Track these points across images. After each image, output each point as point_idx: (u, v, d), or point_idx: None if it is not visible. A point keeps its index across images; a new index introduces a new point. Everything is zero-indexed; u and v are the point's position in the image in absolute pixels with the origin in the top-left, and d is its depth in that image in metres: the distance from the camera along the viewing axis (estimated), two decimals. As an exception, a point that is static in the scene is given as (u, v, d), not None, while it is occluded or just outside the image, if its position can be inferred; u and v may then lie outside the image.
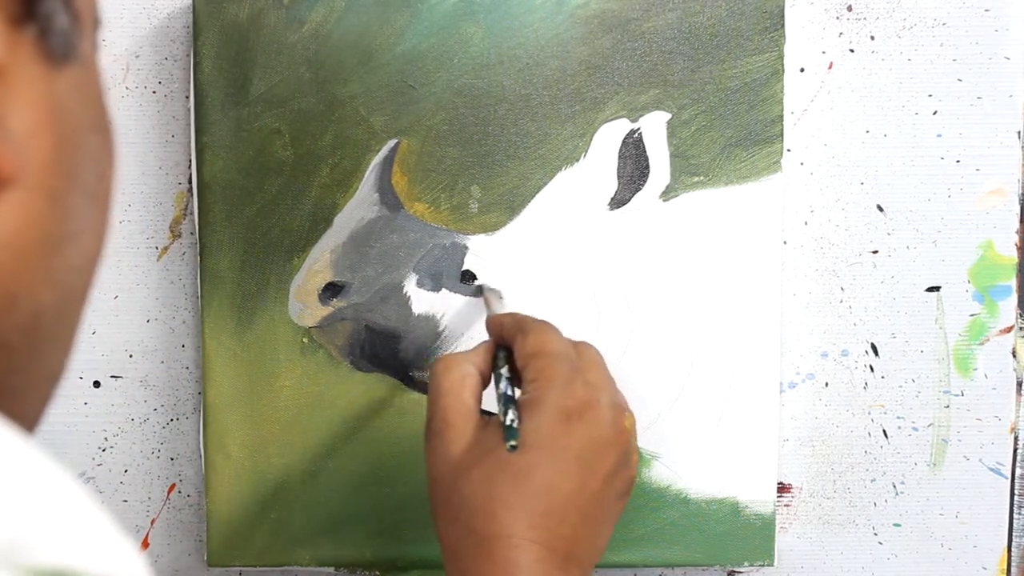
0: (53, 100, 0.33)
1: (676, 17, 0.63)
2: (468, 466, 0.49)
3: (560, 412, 0.49)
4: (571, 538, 0.48)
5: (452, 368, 0.52)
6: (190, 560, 0.67)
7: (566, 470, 0.48)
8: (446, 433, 0.50)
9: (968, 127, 0.65)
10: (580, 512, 0.49)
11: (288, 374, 0.64)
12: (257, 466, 0.64)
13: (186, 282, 0.66)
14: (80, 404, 0.66)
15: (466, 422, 0.50)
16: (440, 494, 0.50)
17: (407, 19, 0.63)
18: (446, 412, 0.51)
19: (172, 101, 0.65)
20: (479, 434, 0.50)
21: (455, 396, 0.51)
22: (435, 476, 0.50)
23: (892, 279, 0.66)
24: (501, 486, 0.48)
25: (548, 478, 0.48)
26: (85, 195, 0.35)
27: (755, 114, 0.63)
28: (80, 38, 0.34)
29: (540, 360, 0.51)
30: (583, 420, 0.49)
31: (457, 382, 0.51)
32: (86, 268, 0.36)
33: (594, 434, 0.50)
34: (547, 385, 0.50)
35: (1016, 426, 0.66)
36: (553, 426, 0.49)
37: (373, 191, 0.63)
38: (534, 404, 0.49)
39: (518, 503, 0.47)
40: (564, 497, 0.48)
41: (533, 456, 0.48)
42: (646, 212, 0.64)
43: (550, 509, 0.48)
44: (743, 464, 0.64)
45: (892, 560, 0.67)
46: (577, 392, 0.50)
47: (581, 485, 0.49)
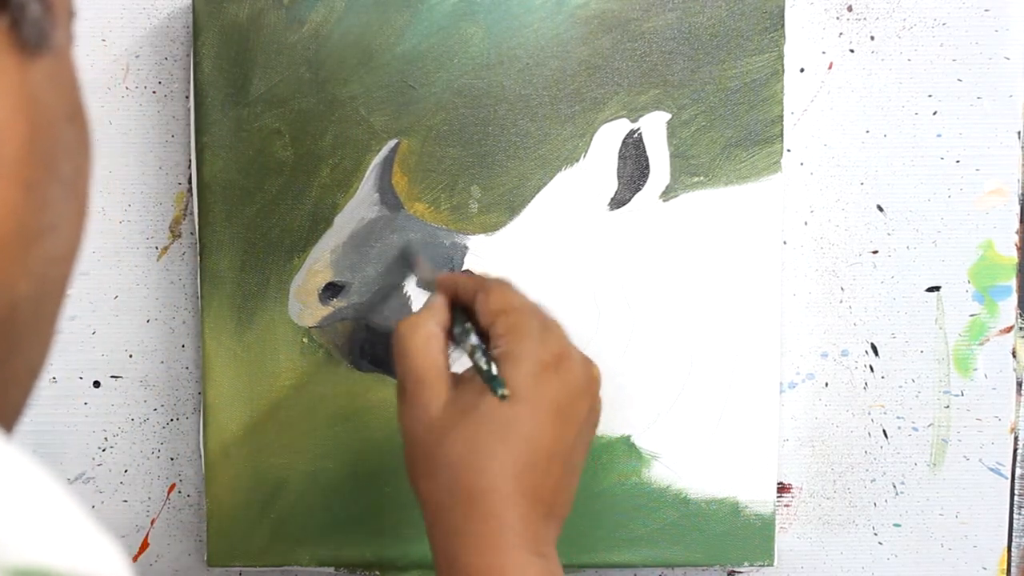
0: (27, 90, 0.33)
1: (676, 17, 0.63)
2: (450, 422, 0.49)
3: (537, 364, 0.49)
4: (553, 489, 0.49)
5: (417, 328, 0.51)
6: (190, 560, 0.67)
7: (546, 421, 0.48)
8: (421, 392, 0.50)
9: (968, 127, 0.65)
10: (560, 463, 0.49)
11: (288, 374, 0.64)
12: (257, 466, 0.64)
13: (186, 282, 0.66)
14: (80, 404, 0.66)
15: (440, 380, 0.50)
16: (420, 453, 0.49)
17: (407, 19, 0.63)
18: (418, 372, 0.50)
19: (172, 101, 0.65)
20: (456, 391, 0.50)
21: (424, 355, 0.50)
22: (413, 436, 0.50)
23: (892, 279, 0.66)
24: (485, 440, 0.48)
25: (531, 429, 0.48)
26: (62, 186, 0.35)
27: (755, 114, 0.63)
28: (53, 28, 0.34)
29: (509, 316, 0.51)
30: (559, 371, 0.50)
31: (423, 341, 0.51)
32: (65, 260, 0.36)
33: (569, 384, 0.50)
34: (520, 338, 0.50)
35: (1016, 426, 0.66)
36: (532, 378, 0.49)
37: (373, 191, 0.63)
38: (510, 357, 0.49)
39: (503, 456, 0.47)
40: (546, 448, 0.48)
41: (515, 408, 0.48)
42: (646, 212, 0.64)
43: (534, 461, 0.48)
44: (743, 464, 0.64)
45: (892, 560, 0.67)
46: (551, 344, 0.50)
47: (559, 436, 0.49)
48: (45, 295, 0.35)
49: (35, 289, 0.34)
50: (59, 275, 0.36)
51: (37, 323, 0.35)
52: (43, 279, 0.35)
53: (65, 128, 0.35)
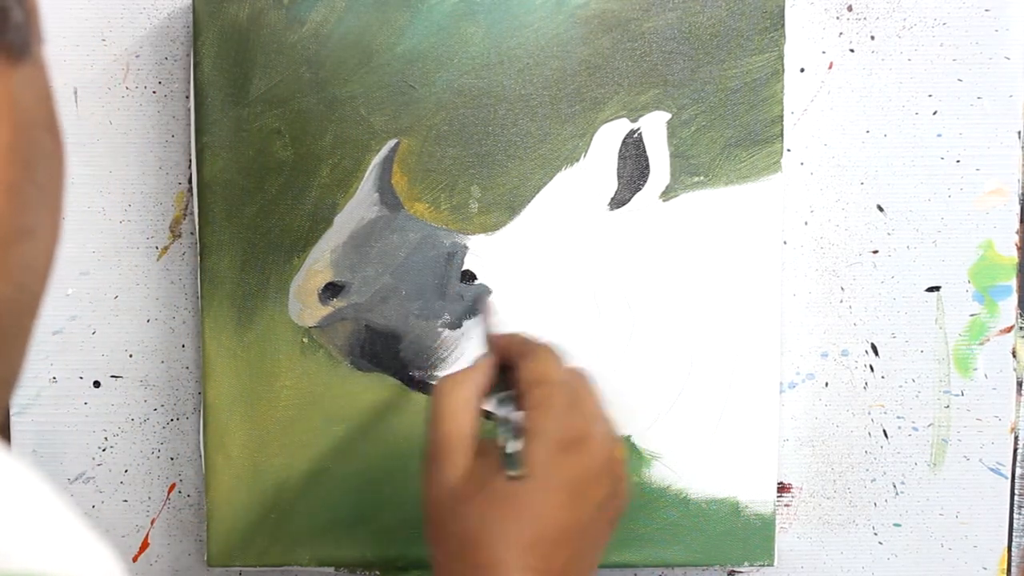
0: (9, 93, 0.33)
1: (676, 17, 0.63)
2: (464, 494, 0.49)
3: (556, 444, 0.50)
4: (563, 568, 0.49)
5: (455, 390, 0.52)
6: (190, 560, 0.67)
7: (559, 501, 0.49)
8: (444, 459, 0.51)
9: (968, 127, 0.65)
10: (572, 542, 0.49)
11: (288, 374, 0.64)
12: (257, 466, 0.64)
13: (186, 282, 0.66)
14: (80, 404, 0.66)
15: (464, 449, 0.51)
16: (435, 519, 0.50)
17: (407, 19, 0.63)
18: (446, 438, 0.51)
19: (172, 101, 0.65)
20: (476, 462, 0.50)
21: (455, 422, 0.51)
22: (431, 501, 0.51)
23: (892, 279, 0.66)
24: (495, 515, 0.48)
25: (542, 509, 0.48)
26: (40, 192, 0.35)
27: (755, 114, 0.63)
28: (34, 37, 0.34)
29: (542, 388, 0.51)
30: (578, 452, 0.50)
31: (460, 405, 0.51)
32: (41, 269, 0.36)
33: (588, 465, 0.50)
34: (545, 414, 0.50)
35: (1016, 426, 0.66)
36: (549, 457, 0.49)
37: (373, 191, 0.63)
38: (533, 432, 0.50)
39: (511, 533, 0.48)
40: (557, 528, 0.49)
41: (528, 486, 0.49)
42: (646, 212, 0.64)
43: (542, 539, 0.48)
44: (743, 464, 0.64)
45: (892, 560, 0.67)
46: (575, 423, 0.50)
47: (574, 515, 0.49)
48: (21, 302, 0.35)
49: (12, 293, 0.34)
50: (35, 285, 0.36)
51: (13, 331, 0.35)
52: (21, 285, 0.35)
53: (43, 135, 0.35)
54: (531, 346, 0.54)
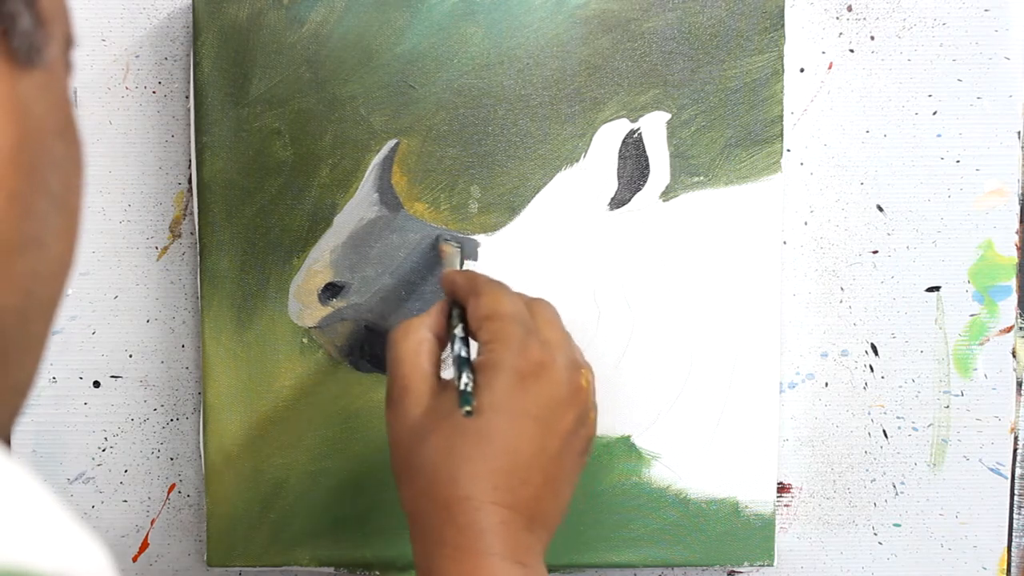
0: (15, 100, 0.33)
1: (676, 17, 0.63)
2: (427, 430, 0.49)
3: (515, 374, 0.49)
4: (534, 499, 0.48)
5: (409, 334, 0.52)
6: (190, 560, 0.67)
7: (525, 432, 0.48)
8: (404, 399, 0.50)
9: (968, 127, 0.65)
10: (542, 472, 0.49)
11: (288, 374, 0.64)
12: (257, 466, 0.64)
13: (186, 282, 0.66)
14: (80, 404, 0.66)
15: (423, 387, 0.50)
16: (400, 458, 0.50)
17: (407, 19, 0.63)
18: (404, 379, 0.51)
19: (172, 101, 0.65)
20: (437, 399, 0.50)
21: (412, 362, 0.51)
22: (395, 441, 0.50)
23: (892, 279, 0.66)
24: (460, 449, 0.48)
25: (507, 440, 0.48)
26: (50, 201, 0.34)
27: (755, 114, 0.63)
28: (46, 43, 0.34)
29: (494, 322, 0.51)
30: (539, 381, 0.49)
31: (414, 347, 0.51)
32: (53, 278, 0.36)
33: (551, 394, 0.50)
34: (501, 347, 0.50)
35: (1016, 426, 0.66)
36: (509, 389, 0.49)
37: (373, 191, 0.63)
38: (489, 367, 0.49)
39: (479, 465, 0.47)
40: (525, 459, 0.48)
41: (491, 419, 0.48)
42: (646, 212, 0.64)
43: (511, 470, 0.48)
44: (743, 464, 0.64)
45: (892, 560, 0.67)
46: (532, 353, 0.50)
47: (541, 446, 0.49)
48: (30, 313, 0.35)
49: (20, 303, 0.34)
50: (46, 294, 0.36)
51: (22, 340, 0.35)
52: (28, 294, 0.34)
53: (54, 143, 0.35)
54: (480, 282, 0.53)
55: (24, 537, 0.28)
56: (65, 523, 0.30)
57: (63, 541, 0.29)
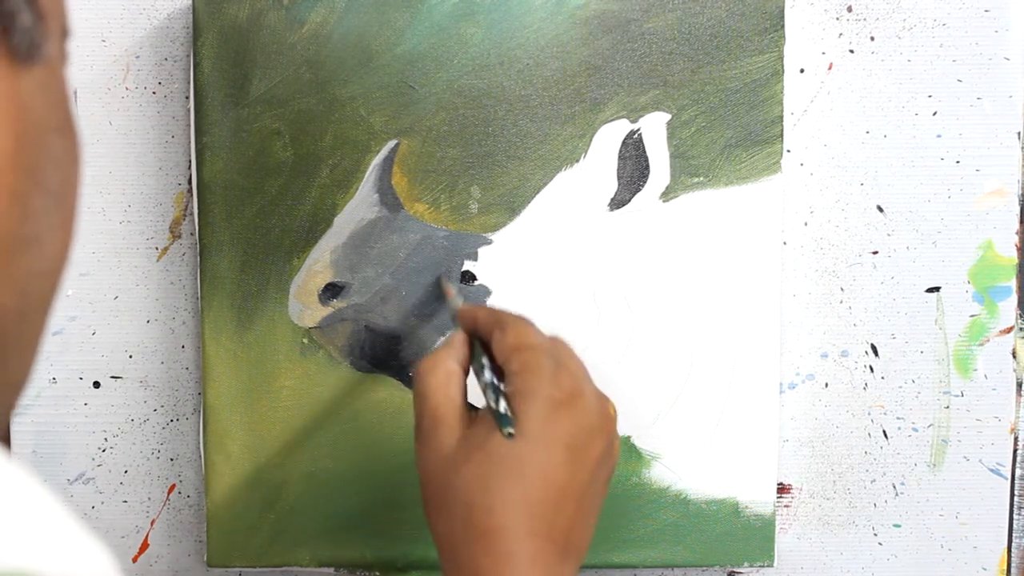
0: (15, 98, 0.33)
1: (676, 18, 0.63)
2: (462, 460, 0.49)
3: (549, 402, 0.49)
4: (567, 528, 0.49)
5: (437, 366, 0.52)
6: (190, 560, 0.67)
7: (558, 460, 0.49)
8: (437, 430, 0.50)
9: (968, 127, 0.65)
10: (574, 502, 0.49)
11: (288, 375, 0.64)
12: (257, 466, 0.64)
13: (186, 282, 0.66)
14: (80, 404, 0.66)
15: (456, 418, 0.51)
16: (434, 490, 0.50)
17: (407, 20, 0.63)
18: (436, 411, 0.51)
19: (172, 101, 0.65)
20: (470, 429, 0.50)
21: (443, 394, 0.51)
22: (428, 473, 0.50)
23: (892, 280, 0.66)
24: (496, 478, 0.48)
25: (542, 468, 0.48)
26: (48, 198, 0.34)
27: (755, 115, 0.63)
28: (45, 39, 0.34)
29: (523, 353, 0.51)
30: (571, 409, 0.50)
31: (443, 379, 0.52)
32: (49, 275, 0.36)
33: (582, 422, 0.50)
34: (533, 376, 0.50)
35: (1016, 427, 0.66)
36: (544, 416, 0.49)
37: (373, 191, 0.63)
38: (523, 395, 0.50)
39: (514, 495, 0.48)
40: (558, 487, 0.48)
41: (526, 446, 0.48)
42: (646, 213, 0.64)
43: (545, 499, 0.48)
44: (743, 464, 0.64)
45: (892, 560, 0.67)
46: (564, 382, 0.50)
47: (572, 474, 0.49)
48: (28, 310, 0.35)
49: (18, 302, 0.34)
50: (42, 291, 0.36)
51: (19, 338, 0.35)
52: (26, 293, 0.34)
53: (54, 140, 0.35)
54: (504, 316, 0.54)
55: (29, 540, 0.28)
56: (69, 527, 0.30)
57: (67, 545, 0.29)
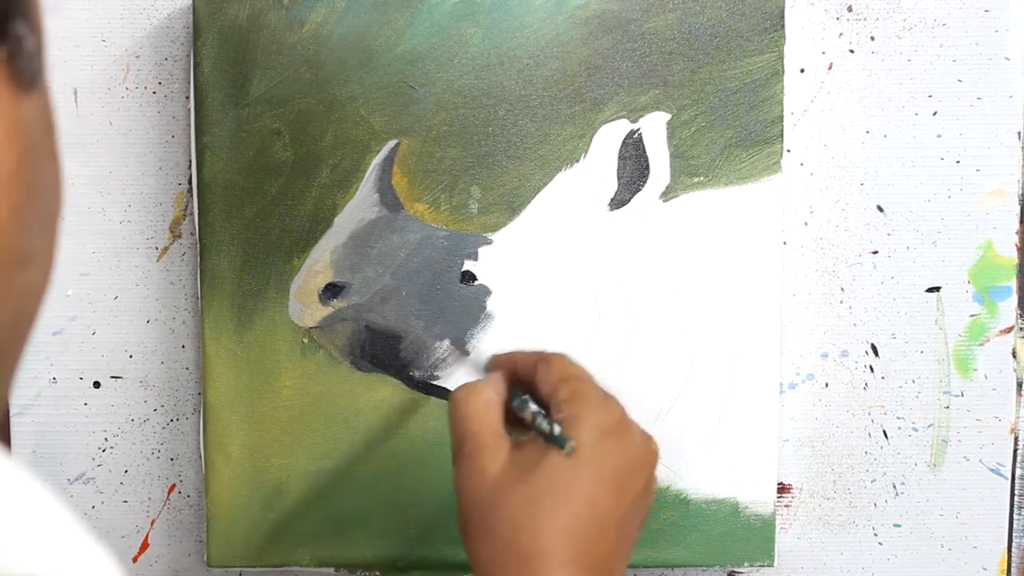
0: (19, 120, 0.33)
1: (676, 18, 0.63)
2: (510, 481, 0.49)
3: (599, 430, 0.50)
4: (606, 557, 0.49)
5: (475, 393, 0.52)
6: (190, 560, 0.67)
7: (606, 487, 0.49)
8: (480, 454, 0.50)
9: (968, 127, 0.65)
10: (614, 531, 0.49)
11: (288, 374, 0.64)
12: (257, 466, 0.64)
13: (186, 282, 0.66)
14: (80, 404, 0.66)
15: (499, 442, 0.51)
16: (477, 514, 0.50)
17: (407, 19, 0.63)
18: (477, 436, 0.51)
19: (172, 101, 0.65)
20: (515, 453, 0.50)
21: (482, 419, 0.51)
22: (470, 497, 0.50)
23: (892, 280, 0.66)
24: (545, 500, 0.48)
25: (589, 494, 0.48)
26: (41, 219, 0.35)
27: (755, 115, 0.63)
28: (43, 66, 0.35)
29: (571, 382, 0.51)
30: (620, 439, 0.50)
31: (482, 407, 0.51)
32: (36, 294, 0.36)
33: (630, 453, 0.50)
34: (583, 404, 0.50)
35: (1016, 427, 0.66)
36: (595, 441, 0.49)
37: (373, 191, 0.63)
38: (574, 421, 0.50)
39: (562, 517, 0.48)
40: (601, 516, 0.49)
41: (578, 470, 0.49)
42: (646, 212, 0.64)
43: (590, 528, 0.48)
44: (743, 464, 0.64)
45: (892, 560, 0.67)
46: (613, 411, 0.51)
47: (616, 504, 0.49)
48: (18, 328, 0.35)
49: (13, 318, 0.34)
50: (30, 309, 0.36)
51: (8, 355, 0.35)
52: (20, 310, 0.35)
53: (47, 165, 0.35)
54: (544, 353, 0.54)
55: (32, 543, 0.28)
56: (73, 530, 0.30)
57: (71, 548, 0.29)
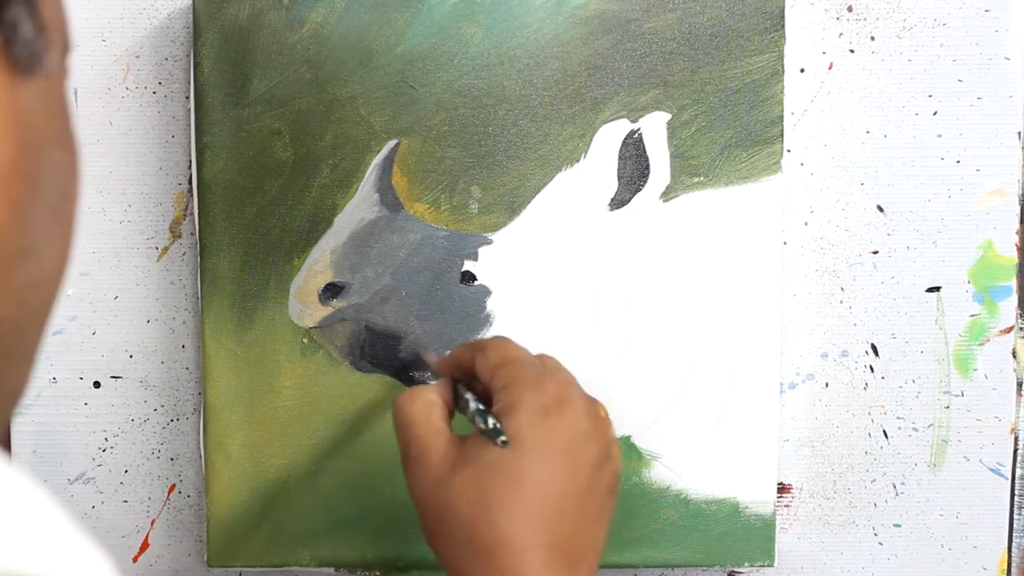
0: (15, 108, 0.33)
1: (676, 18, 0.63)
2: (456, 479, 0.49)
3: (538, 409, 0.49)
4: (572, 536, 0.48)
5: (416, 398, 0.52)
6: (190, 560, 0.67)
7: (554, 466, 0.48)
8: (425, 455, 0.50)
9: (968, 127, 0.65)
10: (576, 507, 0.49)
11: (288, 375, 0.64)
12: (257, 466, 0.64)
13: (186, 282, 0.66)
14: (80, 404, 0.66)
15: (442, 442, 0.51)
16: (431, 513, 0.50)
17: (407, 19, 0.63)
18: (421, 437, 0.51)
19: (172, 101, 0.65)
20: (459, 449, 0.50)
21: (424, 422, 0.51)
22: (422, 497, 0.50)
23: (892, 279, 0.66)
24: (494, 491, 0.48)
25: (538, 476, 0.48)
26: (47, 210, 0.34)
27: (755, 115, 0.63)
28: (46, 51, 0.34)
29: (507, 367, 0.51)
30: (561, 414, 0.50)
31: (424, 409, 0.52)
32: (47, 287, 0.36)
33: (574, 426, 0.50)
34: (518, 387, 0.50)
35: (1016, 427, 0.66)
36: (534, 424, 0.49)
37: (373, 191, 0.63)
38: (510, 408, 0.50)
39: (514, 506, 0.47)
40: (557, 494, 0.48)
41: (520, 455, 0.48)
42: (646, 212, 0.64)
43: (546, 508, 0.48)
44: (743, 464, 0.64)
45: (892, 560, 0.67)
46: (549, 388, 0.50)
47: (571, 480, 0.49)
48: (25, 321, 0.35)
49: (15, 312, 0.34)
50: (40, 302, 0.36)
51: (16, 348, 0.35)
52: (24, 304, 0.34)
53: (52, 151, 0.35)
54: (482, 341, 0.54)
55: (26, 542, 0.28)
56: (67, 529, 0.30)
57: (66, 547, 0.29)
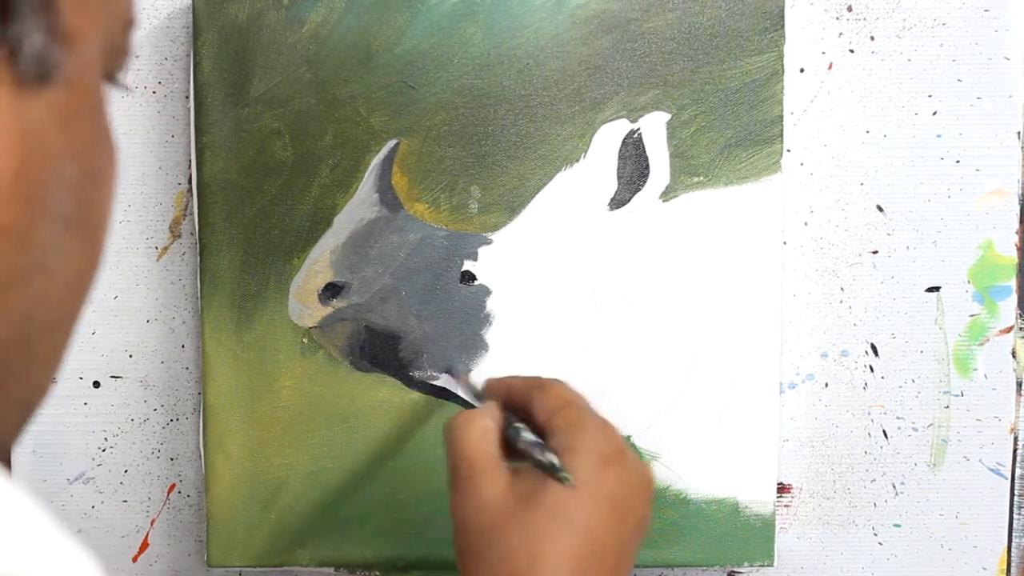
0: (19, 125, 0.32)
1: (676, 17, 0.63)
2: (510, 509, 0.49)
3: (598, 457, 0.49)
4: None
5: (472, 421, 0.52)
6: (190, 560, 0.68)
7: (604, 515, 0.49)
8: (477, 480, 0.50)
9: (968, 127, 0.65)
10: (614, 558, 0.49)
11: (288, 374, 0.64)
12: (257, 466, 0.64)
13: (186, 282, 0.66)
14: (80, 404, 0.66)
15: (496, 469, 0.50)
16: (476, 540, 0.49)
17: (407, 19, 0.63)
18: (473, 461, 0.50)
19: (172, 101, 0.65)
20: (512, 482, 0.50)
21: (479, 447, 0.51)
22: (469, 523, 0.50)
23: (892, 279, 0.66)
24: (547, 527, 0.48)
25: (588, 522, 0.48)
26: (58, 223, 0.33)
27: (755, 114, 0.63)
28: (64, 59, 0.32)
29: (568, 410, 0.51)
30: (619, 467, 0.50)
31: (479, 434, 0.51)
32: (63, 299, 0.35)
33: (629, 480, 0.50)
34: (581, 432, 0.50)
35: (1016, 426, 0.66)
36: (593, 470, 0.49)
37: (373, 191, 0.63)
38: (572, 449, 0.50)
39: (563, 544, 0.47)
40: (602, 543, 0.48)
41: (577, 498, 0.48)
42: (646, 212, 0.64)
43: (590, 554, 0.48)
44: (743, 464, 0.64)
45: (892, 560, 0.67)
46: (611, 438, 0.51)
47: (616, 531, 0.49)
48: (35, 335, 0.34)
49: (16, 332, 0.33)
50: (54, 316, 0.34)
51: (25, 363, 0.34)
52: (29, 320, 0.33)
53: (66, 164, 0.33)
54: (540, 380, 0.54)
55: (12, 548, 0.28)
56: (54, 535, 0.29)
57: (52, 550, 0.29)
